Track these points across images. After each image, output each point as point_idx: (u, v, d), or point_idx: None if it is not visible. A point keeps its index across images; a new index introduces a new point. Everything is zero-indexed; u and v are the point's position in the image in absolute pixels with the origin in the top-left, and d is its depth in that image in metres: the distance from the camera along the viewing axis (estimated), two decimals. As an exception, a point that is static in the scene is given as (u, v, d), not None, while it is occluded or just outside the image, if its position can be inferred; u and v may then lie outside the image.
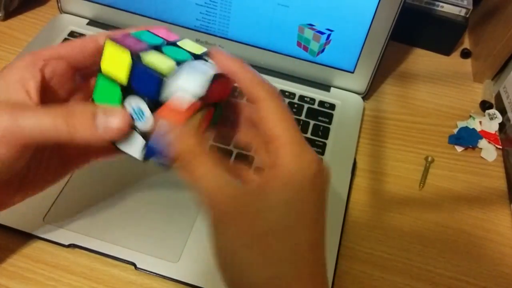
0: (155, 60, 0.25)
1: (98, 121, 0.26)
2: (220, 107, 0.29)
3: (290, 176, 0.25)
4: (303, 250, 0.25)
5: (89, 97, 0.32)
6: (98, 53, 0.28)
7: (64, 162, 0.32)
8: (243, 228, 0.24)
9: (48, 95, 0.28)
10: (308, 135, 0.49)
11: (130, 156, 0.27)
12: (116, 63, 0.26)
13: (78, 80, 0.31)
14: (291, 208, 0.24)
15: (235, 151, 0.45)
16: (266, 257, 0.24)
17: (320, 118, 0.51)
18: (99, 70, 0.27)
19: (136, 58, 0.25)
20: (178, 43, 0.29)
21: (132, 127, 0.27)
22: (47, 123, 0.25)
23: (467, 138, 0.52)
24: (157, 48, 0.27)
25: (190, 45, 0.29)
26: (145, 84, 0.25)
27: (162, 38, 0.28)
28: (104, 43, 0.26)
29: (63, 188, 0.41)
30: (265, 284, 0.24)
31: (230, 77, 0.27)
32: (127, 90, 0.26)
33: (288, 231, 0.24)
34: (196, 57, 0.28)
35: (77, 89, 0.31)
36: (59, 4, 0.56)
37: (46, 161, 0.31)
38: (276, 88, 0.27)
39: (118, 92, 0.26)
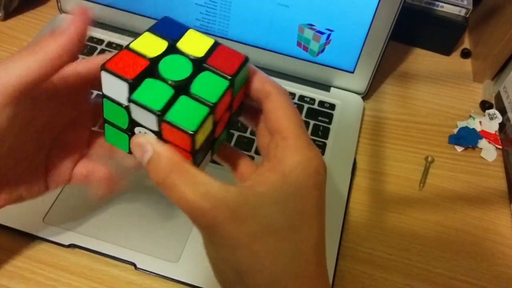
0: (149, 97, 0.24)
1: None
2: (224, 133, 0.28)
3: (290, 169, 0.24)
4: (306, 249, 0.24)
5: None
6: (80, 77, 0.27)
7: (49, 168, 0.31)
8: (240, 228, 0.22)
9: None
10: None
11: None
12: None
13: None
14: (290, 203, 0.24)
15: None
16: (268, 258, 0.23)
17: (320, 118, 0.51)
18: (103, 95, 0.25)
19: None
20: (182, 40, 0.26)
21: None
22: (31, 60, 0.25)
23: (467, 138, 0.52)
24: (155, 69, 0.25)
25: (195, 40, 0.27)
26: (144, 118, 0.24)
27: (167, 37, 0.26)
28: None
29: (63, 188, 0.41)
30: (268, 286, 0.23)
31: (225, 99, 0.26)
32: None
33: (290, 229, 0.23)
34: (198, 63, 0.26)
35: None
36: (59, 4, 0.56)
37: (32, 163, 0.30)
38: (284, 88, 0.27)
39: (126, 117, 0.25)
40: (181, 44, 0.26)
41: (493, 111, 0.54)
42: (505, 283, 0.41)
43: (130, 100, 0.23)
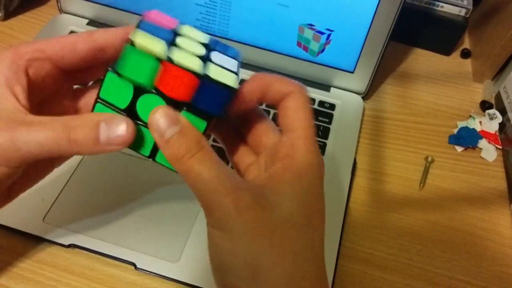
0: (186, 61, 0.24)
1: (101, 133, 0.24)
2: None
3: (305, 169, 0.25)
4: (317, 245, 0.24)
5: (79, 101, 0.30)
6: (92, 55, 0.27)
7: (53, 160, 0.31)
8: (263, 216, 0.23)
9: (35, 98, 0.26)
10: (308, 135, 0.49)
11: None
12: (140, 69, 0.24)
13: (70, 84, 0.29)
14: (306, 201, 0.24)
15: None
16: (282, 254, 0.23)
17: (320, 118, 0.51)
18: (108, 68, 0.24)
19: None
20: (181, 33, 0.27)
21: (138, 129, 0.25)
22: (46, 138, 0.23)
23: (467, 138, 0.52)
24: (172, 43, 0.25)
25: (193, 35, 0.27)
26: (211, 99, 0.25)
27: (166, 28, 0.27)
28: (124, 47, 0.24)
29: (63, 188, 0.41)
30: (283, 283, 0.23)
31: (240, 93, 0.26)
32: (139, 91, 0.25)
33: (308, 225, 0.24)
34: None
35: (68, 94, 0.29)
36: (59, 4, 0.56)
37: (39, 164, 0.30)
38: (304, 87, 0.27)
39: (130, 92, 0.25)
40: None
41: (493, 111, 0.54)
42: (505, 283, 0.41)
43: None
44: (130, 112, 0.25)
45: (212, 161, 0.23)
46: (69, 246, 0.38)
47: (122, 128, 0.24)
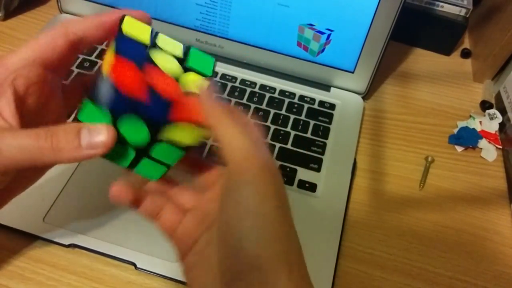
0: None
1: (82, 138, 0.25)
2: None
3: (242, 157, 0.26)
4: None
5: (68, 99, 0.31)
6: (72, 48, 0.27)
7: None
8: (269, 187, 0.24)
9: (25, 107, 0.26)
10: (308, 135, 0.49)
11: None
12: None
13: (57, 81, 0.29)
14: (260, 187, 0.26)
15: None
16: (285, 226, 0.24)
17: (320, 118, 0.51)
18: (85, 94, 0.26)
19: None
20: (158, 43, 0.27)
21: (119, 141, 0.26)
22: (29, 144, 0.24)
23: (467, 138, 0.52)
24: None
25: (167, 44, 0.28)
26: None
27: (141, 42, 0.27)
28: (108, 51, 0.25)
29: (63, 188, 0.41)
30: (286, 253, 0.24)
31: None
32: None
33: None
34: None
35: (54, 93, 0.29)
36: (59, 4, 0.56)
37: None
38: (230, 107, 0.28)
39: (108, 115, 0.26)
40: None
41: (493, 111, 0.54)
42: (505, 283, 0.41)
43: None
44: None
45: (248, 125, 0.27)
46: (69, 246, 0.38)
47: (103, 132, 0.25)
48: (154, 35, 0.27)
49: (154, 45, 0.27)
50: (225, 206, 0.25)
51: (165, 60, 0.27)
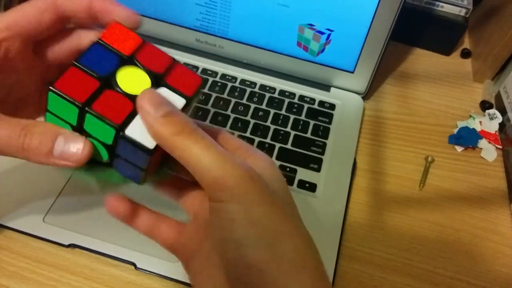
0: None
1: (56, 146, 0.24)
2: None
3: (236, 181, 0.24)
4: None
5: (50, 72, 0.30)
6: (58, 24, 0.26)
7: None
8: (268, 195, 0.23)
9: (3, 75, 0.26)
10: (308, 135, 0.49)
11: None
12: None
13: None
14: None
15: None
16: (295, 225, 0.24)
17: (320, 118, 0.51)
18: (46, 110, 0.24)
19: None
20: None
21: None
22: (2, 136, 0.23)
23: (467, 138, 0.52)
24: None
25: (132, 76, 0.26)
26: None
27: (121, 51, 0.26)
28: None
29: (63, 188, 0.41)
30: (295, 251, 0.23)
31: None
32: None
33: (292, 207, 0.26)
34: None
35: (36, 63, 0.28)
36: (59, 4, 0.56)
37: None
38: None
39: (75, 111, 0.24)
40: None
41: (493, 111, 0.54)
42: (505, 283, 0.41)
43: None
44: (80, 127, 0.24)
45: (210, 138, 0.23)
46: (69, 246, 0.38)
47: (78, 146, 0.24)
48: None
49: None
50: (214, 226, 0.24)
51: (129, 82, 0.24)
